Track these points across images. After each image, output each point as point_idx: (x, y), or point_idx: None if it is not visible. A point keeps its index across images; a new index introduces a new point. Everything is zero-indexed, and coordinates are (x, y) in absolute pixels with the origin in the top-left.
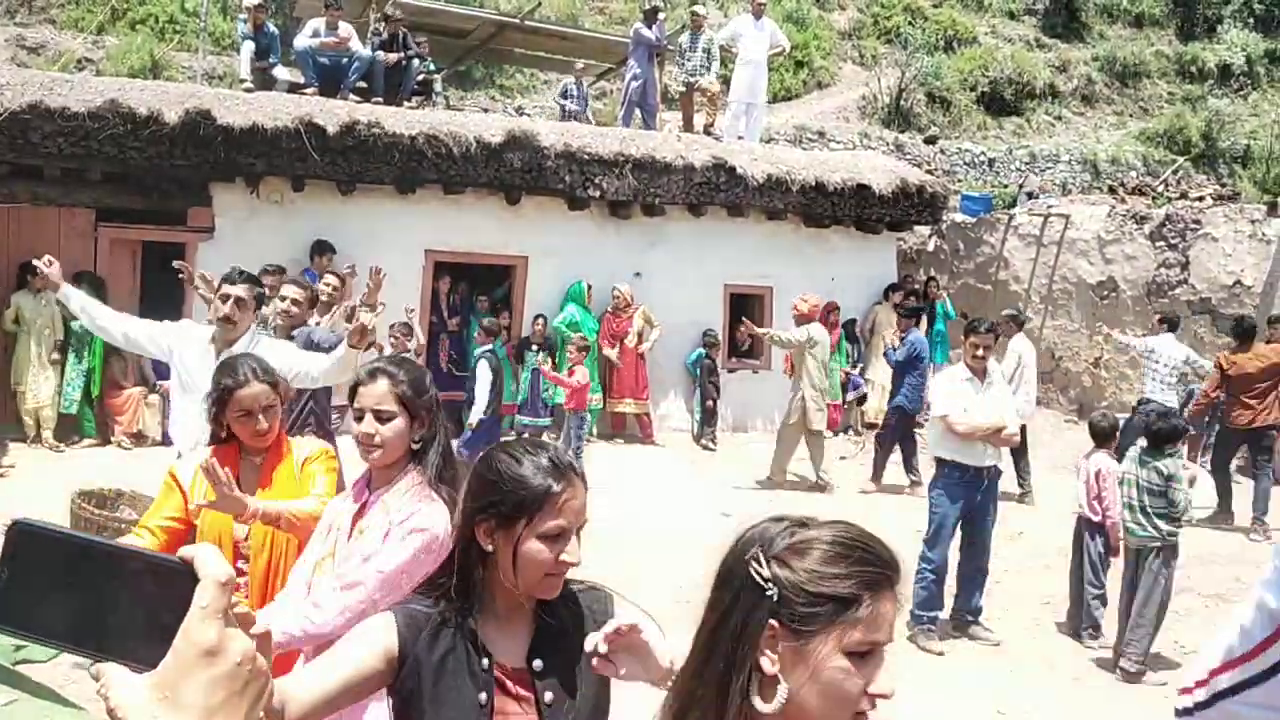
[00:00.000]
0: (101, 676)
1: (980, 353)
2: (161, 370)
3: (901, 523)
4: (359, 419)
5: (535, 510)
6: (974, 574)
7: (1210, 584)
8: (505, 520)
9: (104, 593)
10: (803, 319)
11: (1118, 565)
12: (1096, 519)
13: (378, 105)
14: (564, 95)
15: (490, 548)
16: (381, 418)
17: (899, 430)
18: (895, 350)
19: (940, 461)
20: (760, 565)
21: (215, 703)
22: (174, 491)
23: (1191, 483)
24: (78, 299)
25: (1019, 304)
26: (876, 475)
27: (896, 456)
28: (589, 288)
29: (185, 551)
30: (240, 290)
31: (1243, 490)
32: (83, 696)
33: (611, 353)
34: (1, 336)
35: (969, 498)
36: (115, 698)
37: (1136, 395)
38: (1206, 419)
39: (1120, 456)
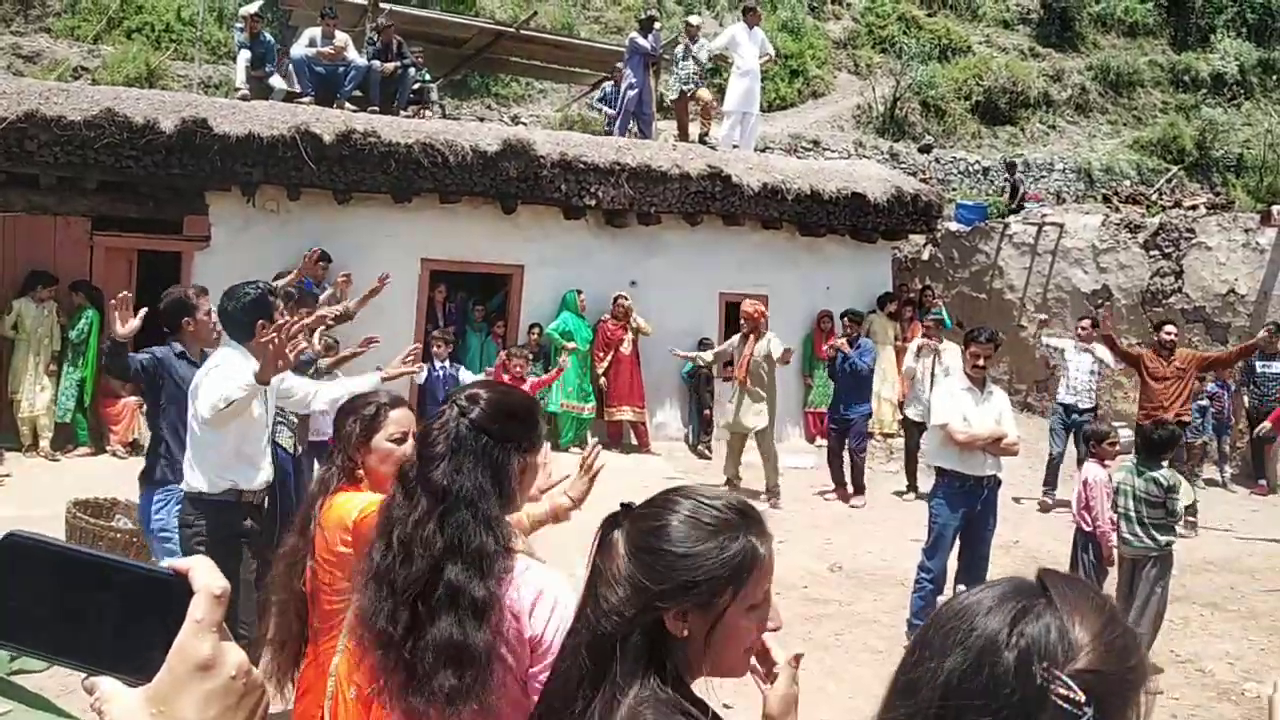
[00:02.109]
0: (95, 690)
1: (980, 362)
2: None
3: (895, 531)
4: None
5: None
6: (971, 584)
7: (1206, 593)
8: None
9: (98, 605)
10: (764, 321)
11: (1113, 575)
12: (1087, 529)
13: (374, 114)
14: (603, 100)
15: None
16: None
17: (859, 440)
18: (859, 356)
19: (940, 471)
20: (1067, 689)
21: (210, 717)
22: None
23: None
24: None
25: (1014, 312)
26: (840, 485)
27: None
28: (579, 294)
29: (179, 563)
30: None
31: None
32: (79, 707)
33: (600, 368)
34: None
35: (969, 507)
36: (110, 711)
37: (1133, 404)
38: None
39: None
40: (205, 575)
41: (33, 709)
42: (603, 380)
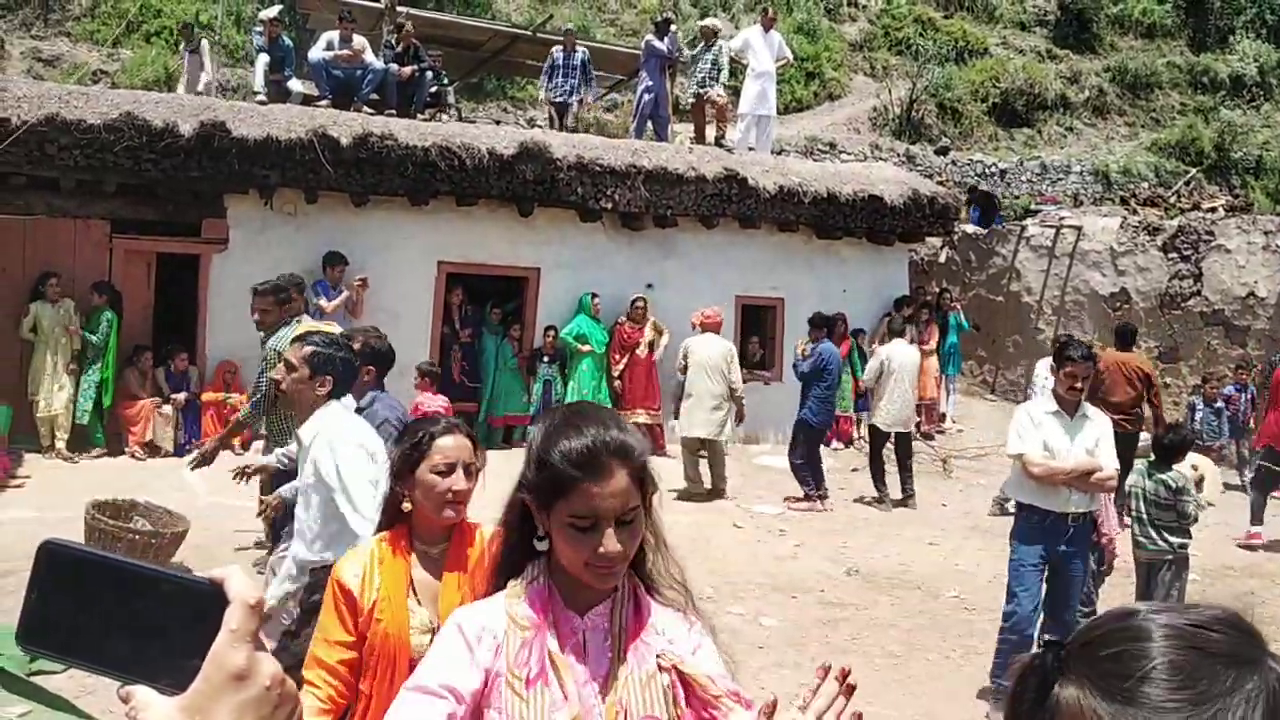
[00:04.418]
0: (130, 699)
1: (1078, 384)
2: (175, 382)
3: (912, 535)
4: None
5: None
6: (1057, 634)
7: (1227, 598)
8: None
9: (133, 614)
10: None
11: (1124, 580)
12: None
13: (391, 117)
14: (549, 75)
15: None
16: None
17: (807, 445)
18: (803, 360)
19: (1019, 505)
20: None
21: None
22: (340, 608)
23: (1199, 483)
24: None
25: (1032, 315)
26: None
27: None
28: (594, 297)
29: (215, 573)
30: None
31: None
32: (98, 709)
33: (616, 370)
34: (19, 346)
35: (1050, 546)
36: None
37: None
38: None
39: None
40: (240, 584)
41: (52, 710)
42: (617, 383)
